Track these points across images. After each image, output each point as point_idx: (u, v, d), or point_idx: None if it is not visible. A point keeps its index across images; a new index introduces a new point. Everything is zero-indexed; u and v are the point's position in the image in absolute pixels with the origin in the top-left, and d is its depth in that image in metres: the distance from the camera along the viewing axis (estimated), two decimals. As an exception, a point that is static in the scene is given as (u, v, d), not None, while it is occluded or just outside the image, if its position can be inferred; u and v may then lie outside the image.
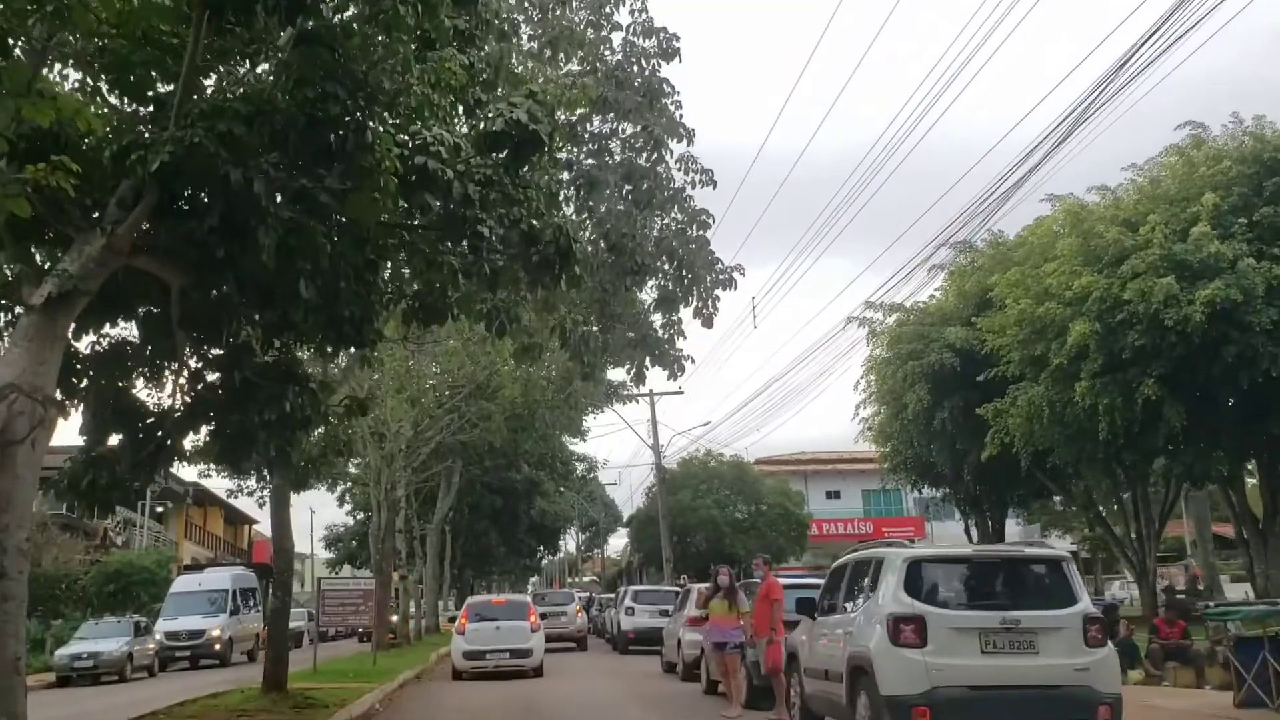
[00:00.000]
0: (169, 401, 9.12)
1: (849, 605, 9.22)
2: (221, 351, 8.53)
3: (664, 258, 13.66)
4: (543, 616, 20.27)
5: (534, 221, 8.73)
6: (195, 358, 8.84)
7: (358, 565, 52.64)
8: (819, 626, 10.02)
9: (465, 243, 8.71)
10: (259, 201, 6.63)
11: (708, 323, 14.89)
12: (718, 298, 14.83)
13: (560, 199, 10.56)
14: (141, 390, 9.34)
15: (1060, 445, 22.82)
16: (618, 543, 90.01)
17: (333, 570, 58.01)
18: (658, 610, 26.95)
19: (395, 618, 30.09)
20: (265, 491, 36.59)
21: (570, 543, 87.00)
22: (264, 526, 77.36)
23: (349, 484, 43.26)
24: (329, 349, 9.31)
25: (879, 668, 8.13)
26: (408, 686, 18.06)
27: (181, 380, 8.87)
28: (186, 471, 45.67)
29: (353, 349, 9.94)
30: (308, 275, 7.42)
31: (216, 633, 29.38)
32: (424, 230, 8.77)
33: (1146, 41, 14.60)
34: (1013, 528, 43.87)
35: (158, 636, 28.53)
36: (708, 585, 14.90)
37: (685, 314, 14.78)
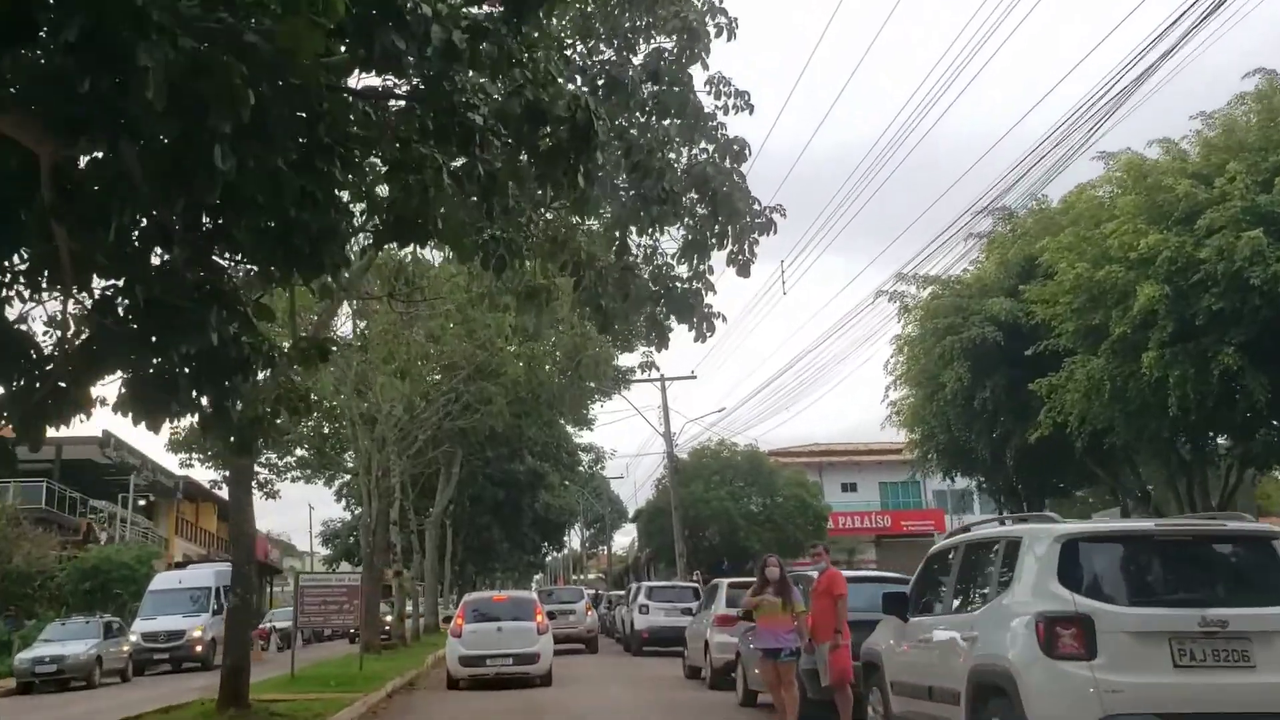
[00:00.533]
0: (67, 335, 6.95)
1: (963, 601, 7.01)
2: (119, 261, 6.23)
3: (695, 189, 11.47)
4: (550, 615, 17.92)
5: (541, 92, 6.54)
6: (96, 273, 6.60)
7: (356, 562, 50.47)
8: (913, 630, 7.81)
9: (449, 124, 6.53)
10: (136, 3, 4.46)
11: (744, 270, 12.74)
12: (756, 241, 12.68)
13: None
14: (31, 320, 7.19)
15: (1120, 424, 20.66)
16: (622, 540, 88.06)
17: (330, 568, 55.96)
18: (674, 608, 24.93)
19: (389, 617, 28.00)
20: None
21: (575, 539, 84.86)
22: (261, 523, 75.83)
23: (346, 476, 41.16)
24: (274, 269, 7.15)
25: (1027, 687, 5.91)
26: (397, 696, 15.81)
27: (74, 305, 6.68)
28: (173, 462, 43.76)
29: (320, 280, 7.72)
30: (224, 140, 5.24)
31: (198, 633, 27.27)
32: (394, 102, 6.61)
33: None
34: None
35: (134, 638, 26.47)
36: (750, 581, 12.71)
37: (717, 260, 12.63)
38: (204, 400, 7.21)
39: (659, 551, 49.48)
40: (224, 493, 35.91)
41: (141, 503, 41.95)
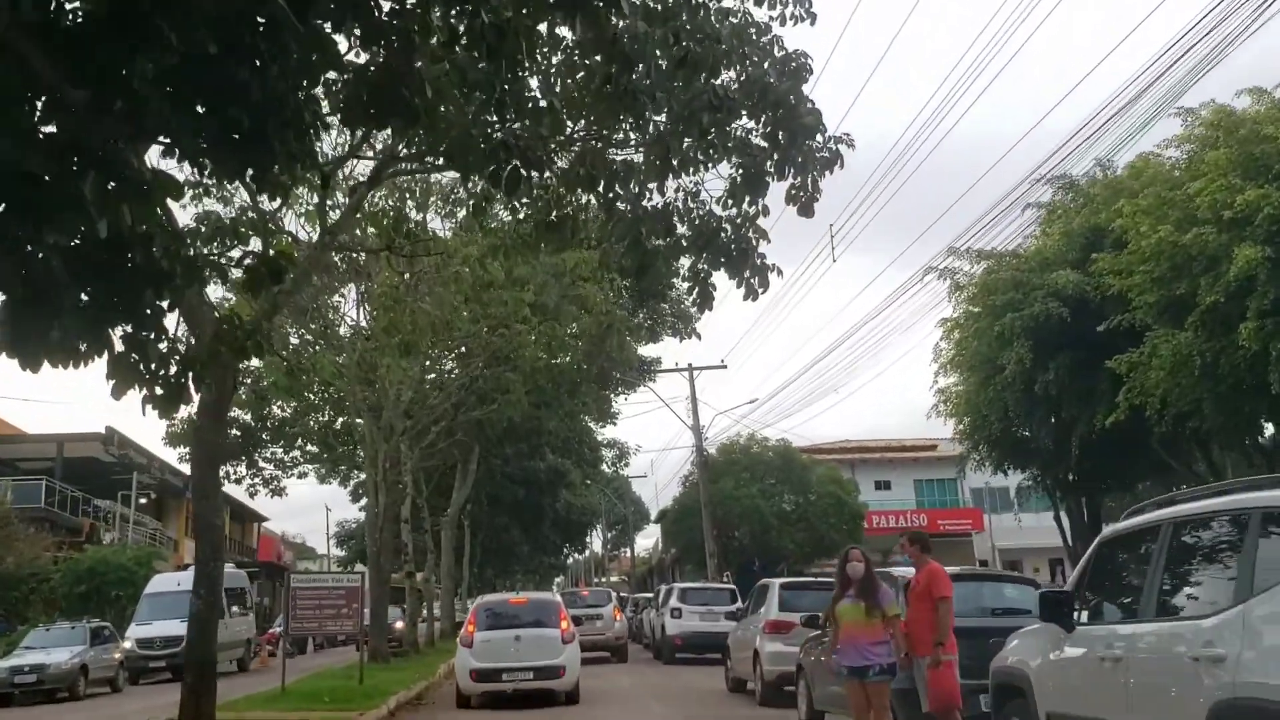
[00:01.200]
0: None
1: (1182, 603, 4.91)
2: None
3: (751, 101, 9.43)
4: (574, 621, 15.64)
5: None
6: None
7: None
8: (1086, 642, 5.73)
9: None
10: None
11: (807, 209, 10.70)
12: (822, 173, 10.67)
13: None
14: None
15: (1209, 405, 18.51)
16: (643, 543, 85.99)
17: (346, 570, 54.11)
18: (709, 612, 22.85)
19: (399, 624, 26.03)
20: (261, 480, 32.70)
21: (597, 541, 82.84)
22: (274, 524, 73.86)
23: (360, 474, 39.27)
24: (204, 158, 5.22)
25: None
26: (400, 714, 13.76)
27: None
28: (176, 459, 42.00)
29: (277, 177, 5.72)
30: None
31: (196, 639, 25.38)
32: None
33: None
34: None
35: (128, 644, 24.61)
36: (803, 581, 10.61)
37: (771, 198, 10.61)
38: (110, 328, 5.23)
39: (686, 552, 47.42)
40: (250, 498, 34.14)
41: (143, 501, 40.09)
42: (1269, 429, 21.87)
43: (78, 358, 5.39)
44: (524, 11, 5.52)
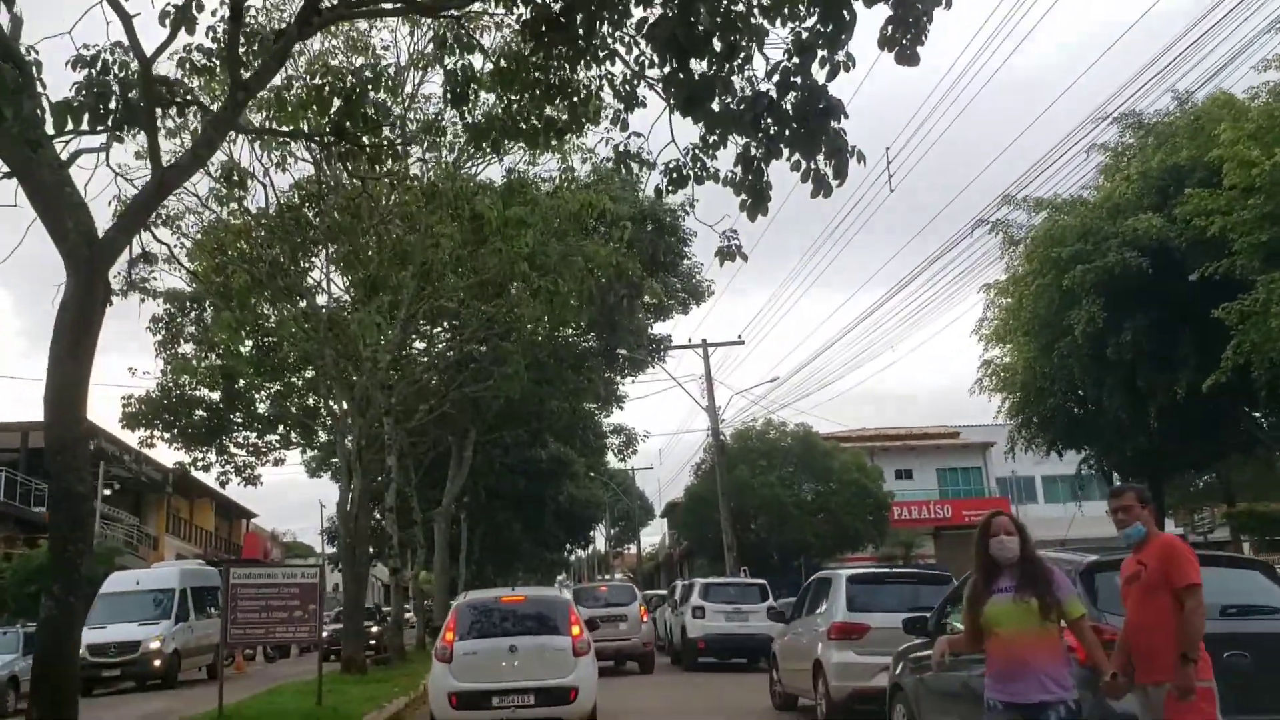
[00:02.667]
0: None
1: None
2: None
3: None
4: (590, 625, 12.09)
5: None
6: None
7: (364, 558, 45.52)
8: None
9: None
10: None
11: (909, 56, 7.86)
12: (929, 12, 7.86)
13: None
14: None
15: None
16: (647, 539, 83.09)
17: (336, 568, 51.04)
18: (737, 611, 19.94)
19: (375, 627, 23.04)
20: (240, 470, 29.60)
21: (600, 538, 79.90)
22: (264, 520, 70.67)
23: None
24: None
25: None
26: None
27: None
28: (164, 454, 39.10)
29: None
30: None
31: (156, 645, 22.50)
32: None
33: None
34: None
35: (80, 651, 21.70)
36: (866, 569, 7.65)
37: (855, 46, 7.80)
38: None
39: (699, 545, 44.51)
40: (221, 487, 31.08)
41: (107, 491, 37.15)
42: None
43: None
44: None
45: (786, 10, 7.03)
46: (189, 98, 7.33)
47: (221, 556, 49.69)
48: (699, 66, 6.62)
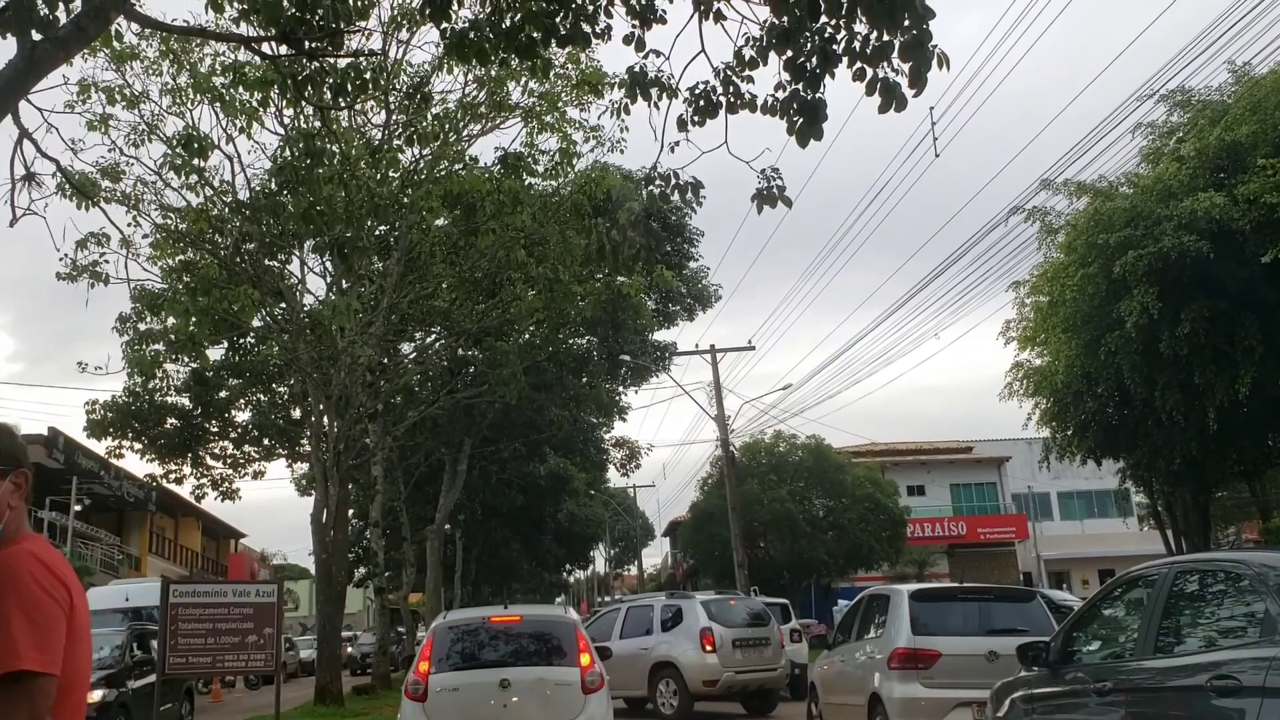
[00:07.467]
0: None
1: None
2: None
3: None
4: (605, 655, 9.59)
5: None
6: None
7: (358, 584, 43.50)
8: None
9: None
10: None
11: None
12: None
13: None
14: None
15: None
16: (648, 559, 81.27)
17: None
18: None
19: (350, 649, 21.17)
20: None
21: (600, 559, 77.96)
22: (255, 540, 68.61)
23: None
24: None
25: None
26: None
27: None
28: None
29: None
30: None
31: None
32: None
33: None
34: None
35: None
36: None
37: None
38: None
39: (704, 563, 42.61)
40: (206, 505, 29.05)
41: (78, 507, 35.31)
42: None
43: None
44: None
45: None
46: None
47: (208, 578, 47.70)
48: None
